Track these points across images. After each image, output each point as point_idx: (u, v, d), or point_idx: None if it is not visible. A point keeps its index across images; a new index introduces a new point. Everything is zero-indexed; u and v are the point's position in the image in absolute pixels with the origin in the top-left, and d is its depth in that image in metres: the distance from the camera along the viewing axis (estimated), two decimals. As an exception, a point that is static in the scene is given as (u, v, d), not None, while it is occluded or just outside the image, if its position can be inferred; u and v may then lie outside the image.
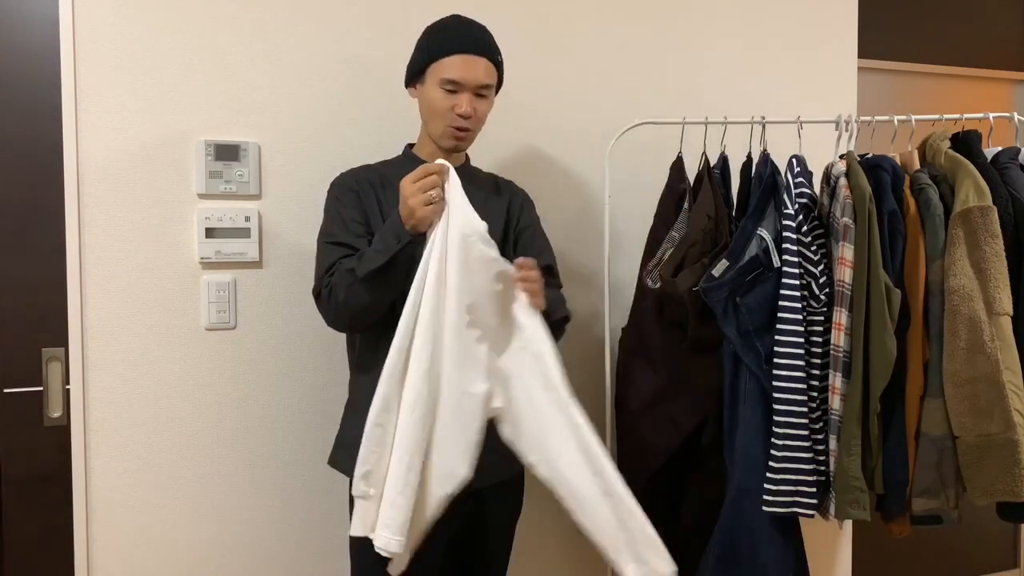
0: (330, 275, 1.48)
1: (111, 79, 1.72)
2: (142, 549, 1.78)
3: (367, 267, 1.40)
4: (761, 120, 1.83)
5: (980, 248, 1.57)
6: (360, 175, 1.60)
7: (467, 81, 1.52)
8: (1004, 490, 1.54)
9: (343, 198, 1.56)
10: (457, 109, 1.52)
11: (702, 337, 1.70)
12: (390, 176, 1.57)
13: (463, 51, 1.52)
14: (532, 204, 1.74)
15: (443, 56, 1.52)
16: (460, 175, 1.54)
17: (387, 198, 1.56)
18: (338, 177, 1.62)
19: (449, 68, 1.51)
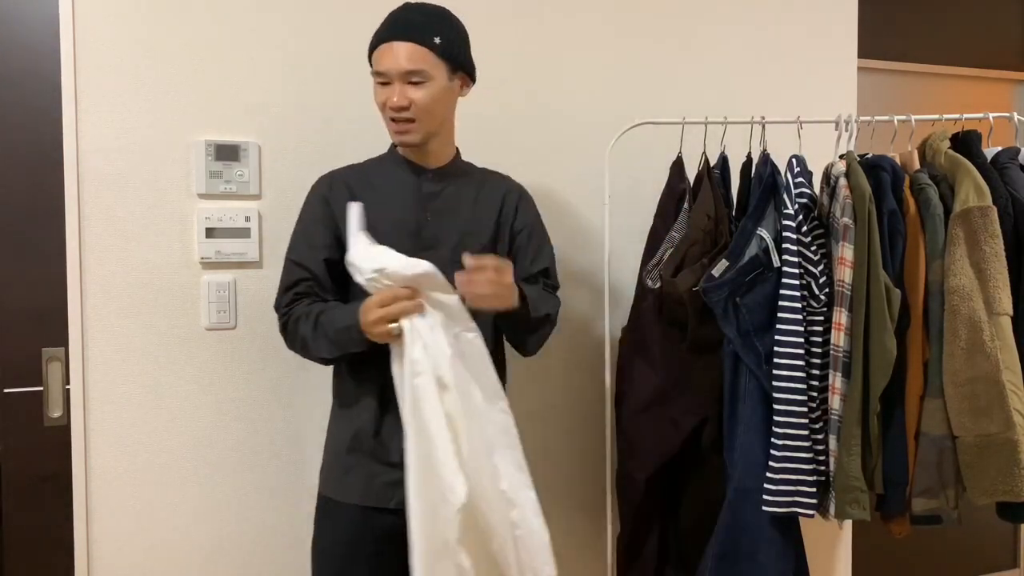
0: (288, 306, 1.49)
1: (111, 79, 1.72)
2: (142, 549, 1.78)
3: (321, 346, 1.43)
4: (761, 120, 1.83)
5: (980, 248, 1.57)
6: (338, 179, 1.56)
7: (390, 70, 1.44)
8: (1004, 490, 1.54)
9: (313, 209, 1.53)
10: (389, 101, 1.45)
11: (702, 337, 1.70)
12: (374, 176, 1.55)
13: (385, 39, 1.46)
14: (530, 200, 1.69)
15: (374, 49, 1.49)
16: (447, 174, 1.55)
17: (369, 200, 1.49)
18: (317, 181, 1.58)
19: (376, 60, 1.47)
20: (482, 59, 2.02)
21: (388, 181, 1.54)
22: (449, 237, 1.52)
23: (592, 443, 2.16)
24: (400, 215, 1.51)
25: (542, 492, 2.12)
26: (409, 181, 1.54)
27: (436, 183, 1.55)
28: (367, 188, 1.53)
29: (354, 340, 1.40)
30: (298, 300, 1.50)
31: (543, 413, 2.11)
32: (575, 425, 2.15)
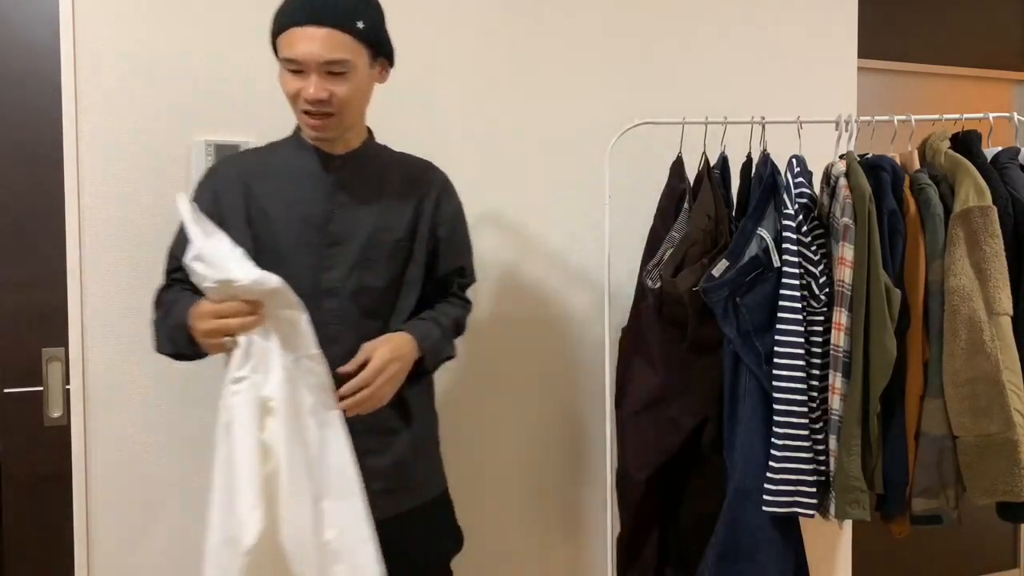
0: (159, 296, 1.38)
1: (111, 79, 1.72)
2: (142, 549, 1.78)
3: (162, 339, 1.34)
4: (761, 120, 1.83)
5: (980, 248, 1.57)
6: (230, 168, 1.41)
7: (306, 60, 1.26)
8: (1004, 490, 1.54)
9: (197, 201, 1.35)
10: (304, 93, 1.28)
11: (702, 337, 1.70)
12: (273, 163, 1.39)
13: (299, 23, 1.26)
14: (453, 191, 1.52)
15: (282, 31, 1.29)
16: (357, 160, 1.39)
17: (263, 189, 1.35)
18: (209, 168, 1.44)
19: (286, 45, 1.28)
20: (482, 59, 2.03)
21: (291, 168, 1.37)
22: (359, 232, 1.36)
23: (592, 443, 2.16)
24: (306, 207, 1.35)
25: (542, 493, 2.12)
26: (315, 169, 1.37)
27: (346, 171, 1.38)
28: (266, 176, 1.37)
29: (185, 342, 1.27)
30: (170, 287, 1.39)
31: (543, 413, 2.11)
32: (575, 425, 2.15)
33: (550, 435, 2.12)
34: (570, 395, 2.14)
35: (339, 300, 1.35)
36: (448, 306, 1.50)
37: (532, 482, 2.12)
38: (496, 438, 2.07)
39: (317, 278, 1.34)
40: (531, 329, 2.09)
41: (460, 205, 1.54)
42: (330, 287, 1.34)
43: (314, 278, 1.34)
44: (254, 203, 1.35)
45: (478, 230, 2.03)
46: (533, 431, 2.11)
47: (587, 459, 2.16)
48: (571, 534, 2.16)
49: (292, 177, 1.37)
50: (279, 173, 1.36)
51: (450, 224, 1.49)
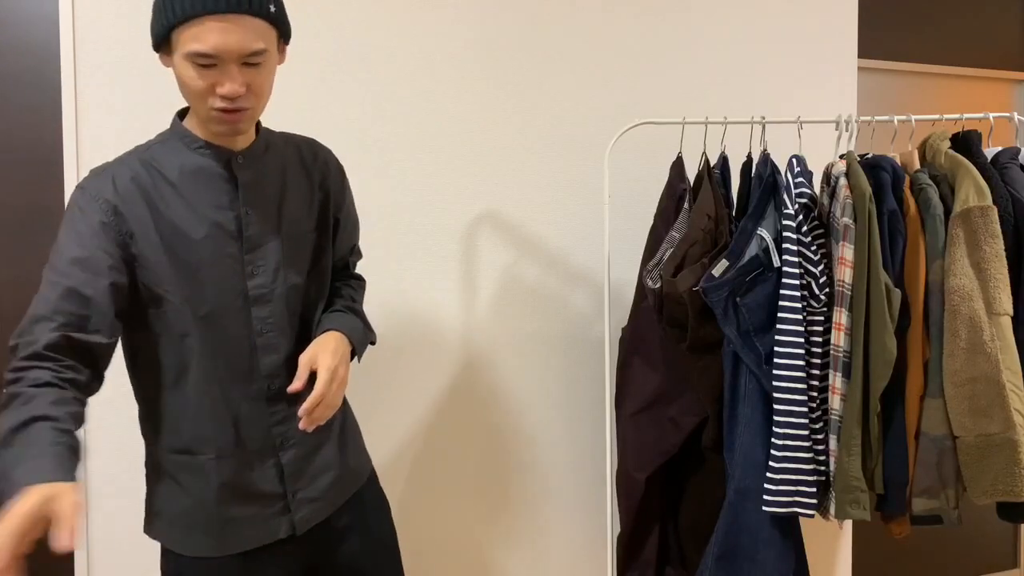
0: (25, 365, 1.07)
1: (111, 79, 1.72)
2: (142, 549, 1.78)
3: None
4: (761, 120, 1.83)
5: (980, 248, 1.57)
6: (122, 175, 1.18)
7: (223, 52, 1.10)
8: (1004, 490, 1.54)
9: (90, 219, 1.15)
10: (220, 89, 1.12)
11: (702, 337, 1.70)
12: (167, 168, 1.21)
13: (209, 11, 1.09)
14: (342, 169, 1.41)
15: (187, 20, 1.09)
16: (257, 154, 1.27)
17: (164, 202, 1.19)
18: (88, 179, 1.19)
19: (194, 39, 1.10)
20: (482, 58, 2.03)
21: (189, 173, 1.20)
22: (273, 230, 1.25)
23: (592, 443, 2.16)
24: (215, 215, 1.20)
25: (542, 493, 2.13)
26: (215, 170, 1.22)
27: (249, 169, 1.24)
28: (163, 185, 1.19)
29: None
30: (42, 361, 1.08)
31: (543, 413, 2.11)
32: (575, 425, 2.15)
33: (550, 435, 2.12)
34: (570, 395, 2.14)
35: (270, 306, 1.25)
36: (351, 290, 1.43)
37: (532, 482, 2.12)
38: (496, 438, 2.07)
39: (243, 288, 1.22)
40: (531, 329, 2.09)
41: (348, 184, 1.43)
42: (259, 294, 1.24)
43: (240, 288, 1.22)
44: (160, 217, 1.17)
45: (478, 230, 2.04)
46: (533, 431, 2.11)
47: (587, 459, 2.16)
48: (571, 534, 2.16)
49: (194, 182, 1.20)
50: (178, 179, 1.19)
51: (347, 207, 1.41)
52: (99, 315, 1.13)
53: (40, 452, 1.00)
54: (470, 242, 2.03)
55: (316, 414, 1.17)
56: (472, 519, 2.06)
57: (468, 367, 2.04)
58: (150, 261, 1.17)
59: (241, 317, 1.22)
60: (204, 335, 1.20)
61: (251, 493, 1.25)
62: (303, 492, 1.28)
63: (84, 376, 1.13)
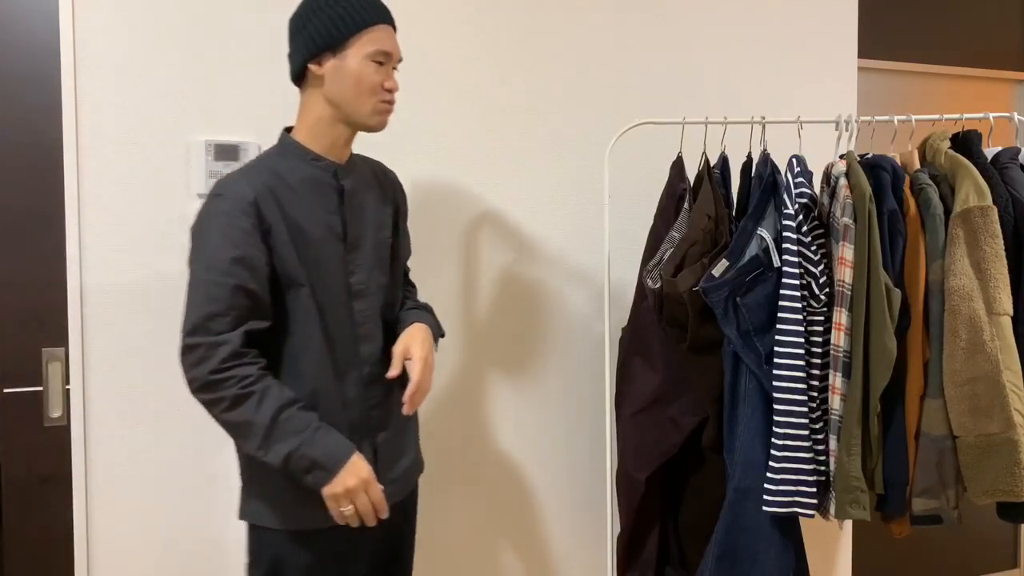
0: (234, 362, 1.26)
1: (111, 79, 1.73)
2: (142, 549, 1.78)
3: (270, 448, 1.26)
4: (761, 120, 1.83)
5: (980, 248, 1.57)
6: (255, 179, 1.35)
7: (396, 53, 1.41)
8: (1004, 490, 1.54)
9: (238, 218, 1.30)
10: (388, 84, 1.39)
11: (702, 337, 1.70)
12: (289, 176, 1.38)
13: (387, 21, 1.39)
14: (402, 187, 1.62)
15: (371, 24, 1.36)
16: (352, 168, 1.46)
17: (291, 203, 1.36)
18: (227, 186, 1.34)
19: (381, 39, 1.37)
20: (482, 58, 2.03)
21: (306, 182, 1.39)
22: (367, 235, 1.45)
23: (592, 443, 2.16)
24: (326, 218, 1.39)
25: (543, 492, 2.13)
26: (326, 179, 1.41)
27: (348, 179, 1.45)
28: (289, 189, 1.37)
29: (313, 477, 1.27)
30: (242, 358, 1.27)
31: (543, 413, 2.11)
32: (575, 425, 2.15)
33: (550, 435, 2.12)
34: (570, 395, 2.14)
35: (366, 301, 1.44)
36: (415, 292, 1.66)
37: (532, 482, 2.12)
38: (496, 438, 2.07)
39: (347, 283, 1.41)
40: (531, 329, 2.09)
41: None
42: (358, 290, 1.43)
43: (345, 283, 1.41)
44: (287, 216, 1.36)
45: (478, 230, 2.04)
46: (533, 431, 2.11)
47: (587, 459, 2.16)
48: (571, 534, 2.16)
49: (310, 189, 1.39)
50: (299, 186, 1.38)
51: (404, 215, 1.60)
52: (263, 305, 1.32)
53: (325, 427, 1.30)
54: (470, 242, 2.03)
55: (416, 399, 1.37)
56: (472, 519, 2.06)
57: (468, 367, 2.04)
58: (282, 254, 1.34)
59: (346, 309, 1.40)
60: (322, 322, 1.37)
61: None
62: (389, 473, 1.44)
63: (264, 363, 1.32)
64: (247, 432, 1.27)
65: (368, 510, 1.30)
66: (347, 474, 1.28)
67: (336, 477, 1.27)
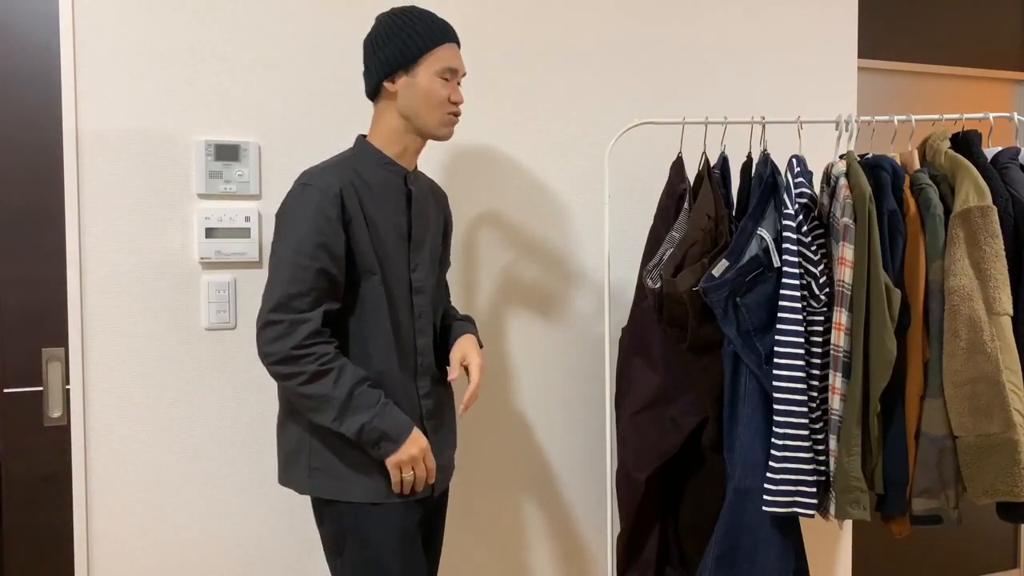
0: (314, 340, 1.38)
1: (111, 79, 1.73)
2: (142, 549, 1.78)
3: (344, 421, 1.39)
4: (761, 120, 1.83)
5: (980, 248, 1.57)
6: (344, 176, 1.48)
7: (461, 70, 1.56)
8: (1004, 490, 1.54)
9: (326, 207, 1.43)
10: (454, 97, 1.53)
11: (702, 337, 1.70)
12: (369, 177, 1.51)
13: (454, 40, 1.55)
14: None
15: (438, 45, 1.51)
16: (418, 176, 1.63)
17: (368, 200, 1.49)
18: (316, 175, 1.46)
19: (448, 57, 1.52)
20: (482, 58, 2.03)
21: (383, 183, 1.53)
22: (427, 238, 1.59)
23: (592, 443, 2.16)
24: (395, 217, 1.53)
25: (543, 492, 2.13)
26: (398, 183, 1.55)
27: (415, 185, 1.59)
28: (366, 189, 1.51)
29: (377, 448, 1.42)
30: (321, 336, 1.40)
31: (543, 413, 2.11)
32: (575, 425, 2.15)
33: (550, 435, 2.12)
34: (570, 395, 2.14)
35: (424, 297, 1.56)
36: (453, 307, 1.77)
37: (532, 482, 2.12)
38: (496, 438, 2.07)
39: (409, 278, 1.54)
40: (531, 329, 2.09)
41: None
42: (418, 286, 1.55)
43: (407, 279, 1.54)
44: (366, 211, 1.49)
45: (478, 230, 2.04)
46: (533, 431, 2.11)
47: (587, 459, 2.16)
48: (571, 534, 2.16)
49: (385, 190, 1.53)
50: (375, 185, 1.52)
51: (451, 232, 1.75)
52: (339, 289, 1.45)
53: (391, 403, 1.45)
54: (470, 242, 2.03)
55: (470, 402, 1.52)
56: (471, 519, 2.06)
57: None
58: (360, 243, 1.47)
59: (408, 303, 1.53)
60: (390, 310, 1.49)
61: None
62: (437, 459, 1.54)
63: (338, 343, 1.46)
64: (324, 405, 1.39)
65: (422, 477, 1.46)
66: (411, 444, 1.43)
67: (402, 447, 1.42)
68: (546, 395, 2.11)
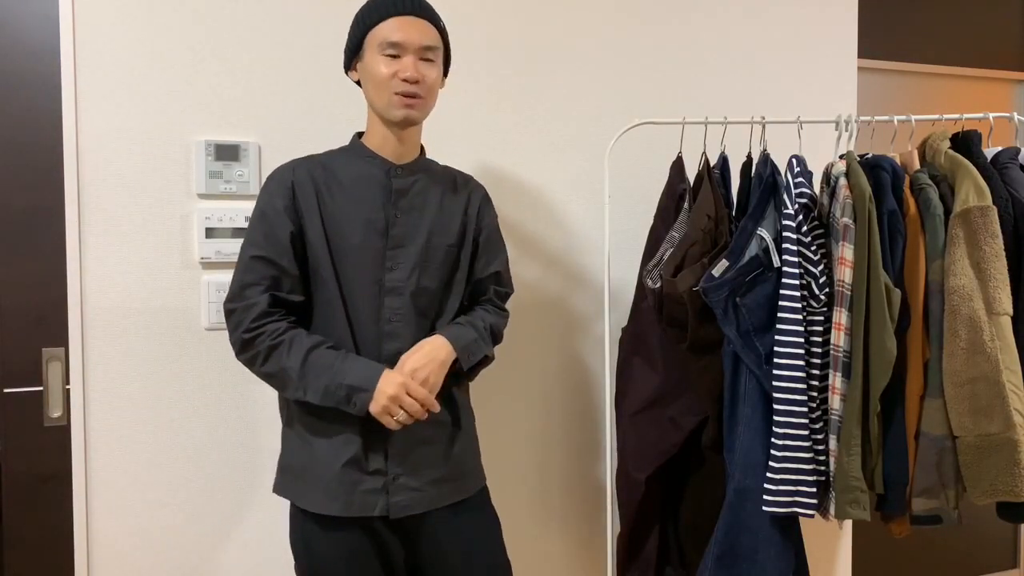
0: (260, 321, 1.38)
1: (111, 79, 1.73)
2: (142, 549, 1.78)
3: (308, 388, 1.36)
4: (761, 120, 1.83)
5: (980, 248, 1.57)
6: (300, 167, 1.47)
7: (408, 42, 1.41)
8: (1004, 490, 1.54)
9: (274, 201, 1.42)
10: (401, 73, 1.41)
11: (702, 337, 1.70)
12: (340, 170, 1.47)
13: (400, 12, 1.42)
14: (491, 203, 1.65)
15: (379, 21, 1.42)
16: (414, 170, 1.51)
17: (331, 196, 1.45)
18: (277, 170, 1.47)
19: (387, 31, 1.41)
20: (482, 58, 2.03)
21: (356, 176, 1.47)
22: (417, 236, 1.48)
23: (592, 443, 2.16)
24: (369, 213, 1.45)
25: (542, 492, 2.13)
26: (378, 177, 1.48)
27: (405, 179, 1.49)
28: (333, 182, 1.46)
29: (353, 404, 1.35)
30: (270, 316, 1.39)
31: (543, 413, 2.11)
32: (575, 425, 2.15)
33: (550, 435, 2.12)
34: (570, 395, 2.14)
35: (400, 299, 1.46)
36: (484, 312, 1.60)
37: (532, 481, 2.12)
38: (496, 438, 2.07)
39: (381, 278, 1.45)
40: (531, 329, 2.09)
41: (496, 216, 1.66)
42: (393, 287, 1.45)
43: (378, 277, 1.44)
44: (325, 206, 1.44)
45: (478, 230, 2.03)
46: (533, 431, 2.11)
47: (587, 459, 2.16)
48: (571, 534, 2.16)
49: (358, 183, 1.46)
50: (346, 179, 1.46)
51: (488, 231, 1.61)
52: (292, 279, 1.42)
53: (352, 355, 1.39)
54: (470, 242, 2.03)
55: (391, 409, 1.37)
56: (472, 519, 2.06)
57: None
58: (312, 241, 1.43)
59: (374, 304, 1.44)
60: (346, 313, 1.43)
61: (361, 466, 1.42)
62: (403, 478, 1.43)
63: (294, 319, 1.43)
64: (284, 379, 1.37)
65: (417, 409, 1.37)
66: (384, 385, 1.35)
67: (376, 392, 1.34)
68: (546, 395, 2.11)
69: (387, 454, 1.43)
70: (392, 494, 1.42)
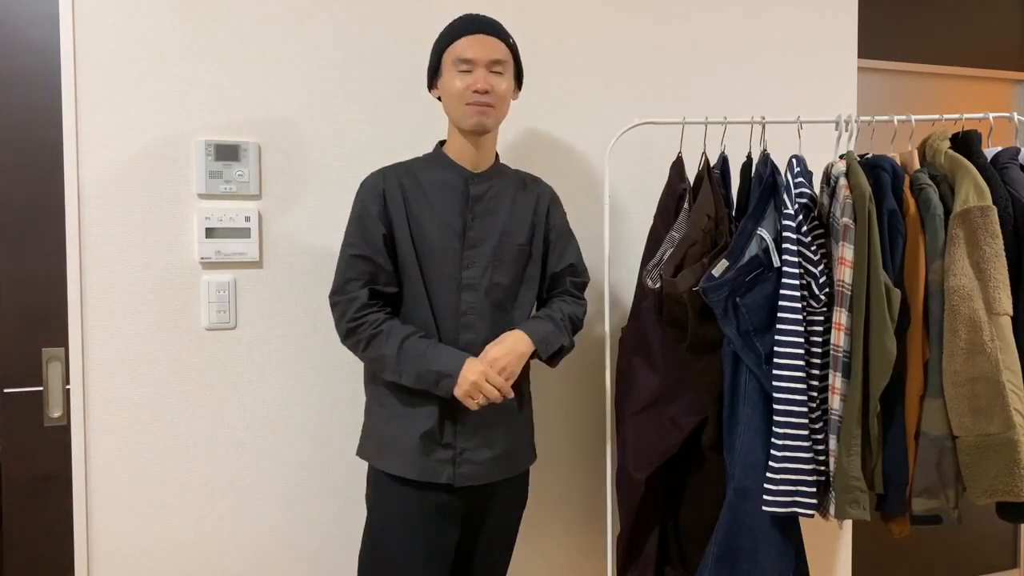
0: (362, 312, 1.56)
1: (111, 79, 1.73)
2: (142, 549, 1.78)
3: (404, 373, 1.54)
4: (761, 120, 1.83)
5: (980, 248, 1.57)
6: (392, 176, 1.63)
7: (479, 57, 1.57)
8: (1004, 490, 1.54)
9: (367, 206, 1.60)
10: (473, 86, 1.56)
11: (702, 337, 1.70)
12: (423, 178, 1.63)
13: (470, 32, 1.58)
14: (559, 202, 1.79)
15: (453, 41, 1.59)
16: (489, 176, 1.67)
17: (417, 200, 1.61)
18: (371, 176, 1.65)
19: (460, 49, 1.57)
20: (482, 59, 2.02)
21: (437, 183, 1.63)
22: (490, 237, 1.63)
23: (592, 443, 2.16)
24: (448, 217, 1.61)
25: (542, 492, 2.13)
26: (457, 184, 1.63)
27: (481, 186, 1.64)
28: (417, 189, 1.62)
29: (440, 387, 1.53)
30: (370, 308, 1.57)
31: (543, 413, 2.11)
32: (575, 425, 2.15)
33: (550, 435, 2.12)
34: (570, 395, 2.14)
35: (475, 294, 1.61)
36: (562, 303, 1.74)
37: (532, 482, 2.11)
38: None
39: (458, 275, 1.61)
40: (531, 329, 2.09)
41: (564, 213, 1.80)
42: (468, 283, 1.61)
43: (456, 275, 1.61)
44: (410, 210, 1.61)
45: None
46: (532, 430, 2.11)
47: (587, 459, 2.16)
48: (571, 534, 2.16)
49: (439, 190, 1.63)
50: (427, 188, 1.62)
51: (557, 229, 1.75)
52: (387, 274, 1.60)
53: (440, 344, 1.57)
54: (470, 242, 2.02)
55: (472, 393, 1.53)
56: (472, 519, 2.05)
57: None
58: (400, 241, 1.60)
59: (453, 298, 1.60)
60: (430, 305, 1.60)
61: (435, 438, 1.59)
62: (468, 453, 1.60)
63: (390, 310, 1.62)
64: (384, 364, 1.55)
65: (495, 394, 1.53)
66: (467, 372, 1.51)
67: (459, 378, 1.51)
68: (546, 395, 2.11)
69: (456, 431, 1.60)
70: (458, 466, 1.59)
